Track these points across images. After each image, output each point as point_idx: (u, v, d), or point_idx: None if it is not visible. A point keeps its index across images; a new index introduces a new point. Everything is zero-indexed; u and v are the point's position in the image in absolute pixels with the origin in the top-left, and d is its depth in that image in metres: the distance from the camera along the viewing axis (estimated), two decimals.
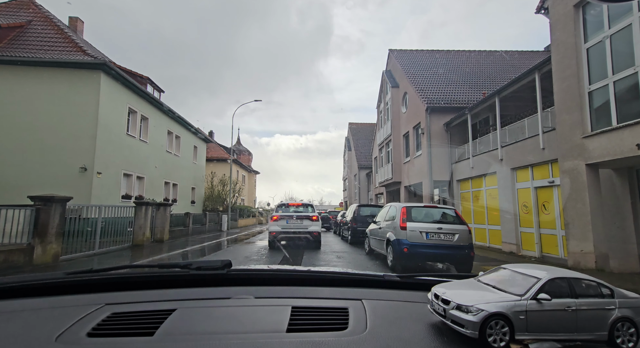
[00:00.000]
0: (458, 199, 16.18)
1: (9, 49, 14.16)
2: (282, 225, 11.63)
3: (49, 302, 1.13)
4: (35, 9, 16.61)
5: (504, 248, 12.46)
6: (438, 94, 18.23)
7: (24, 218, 7.98)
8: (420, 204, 8.51)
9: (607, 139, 7.73)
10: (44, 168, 13.11)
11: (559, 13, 9.28)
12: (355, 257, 10.08)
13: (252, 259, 9.42)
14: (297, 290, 1.29)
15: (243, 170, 40.61)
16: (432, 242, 7.46)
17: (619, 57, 7.73)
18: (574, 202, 8.52)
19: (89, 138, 13.59)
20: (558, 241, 10.13)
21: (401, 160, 21.47)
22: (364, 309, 1.09)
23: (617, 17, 7.77)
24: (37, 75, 13.61)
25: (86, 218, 10.11)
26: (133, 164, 16.56)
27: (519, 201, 11.94)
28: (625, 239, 8.16)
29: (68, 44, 14.79)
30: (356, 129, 42.85)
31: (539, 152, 10.70)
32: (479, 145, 14.79)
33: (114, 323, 0.98)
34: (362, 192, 36.42)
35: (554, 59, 9.48)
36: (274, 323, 0.98)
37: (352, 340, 0.89)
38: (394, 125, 22.07)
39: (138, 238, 12.55)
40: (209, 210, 25.16)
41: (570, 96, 8.78)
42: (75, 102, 13.64)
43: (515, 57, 22.08)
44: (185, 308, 1.08)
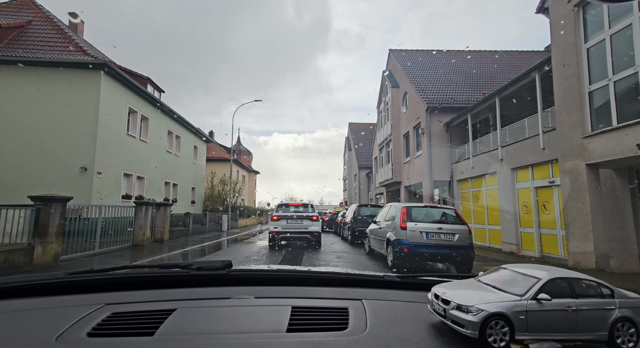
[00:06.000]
0: (458, 199, 16.18)
1: (9, 49, 14.16)
2: (282, 225, 11.72)
3: (49, 302, 1.13)
4: (35, 9, 16.61)
5: (504, 248, 12.45)
6: (438, 94, 18.23)
7: (24, 218, 7.97)
8: (420, 204, 8.51)
9: (607, 139, 7.73)
10: (44, 168, 13.12)
11: (559, 13, 9.28)
12: (355, 257, 10.07)
13: (252, 259, 9.42)
14: (297, 290, 1.29)
15: (243, 170, 40.62)
16: (432, 242, 7.46)
17: (619, 57, 7.73)
18: (574, 202, 8.52)
19: (89, 138, 13.59)
20: (558, 241, 10.13)
21: (401, 160, 21.47)
22: (364, 309, 1.09)
23: (617, 17, 7.77)
24: (37, 75, 13.62)
25: (86, 218, 10.11)
26: (133, 163, 16.56)
27: (519, 201, 11.93)
28: (625, 239, 8.16)
29: (68, 44, 14.80)
30: (356, 128, 42.85)
31: (539, 152, 10.70)
32: (479, 145, 14.79)
33: (114, 323, 0.98)
34: (362, 192, 36.43)
35: (554, 59, 9.48)
36: (274, 323, 0.98)
37: (352, 340, 0.89)
38: (394, 125, 22.07)
39: (138, 238, 12.56)
40: (209, 210, 25.16)
41: (570, 96, 8.77)
42: (75, 102, 13.64)
43: (515, 57, 22.08)
44: (185, 308, 1.08)
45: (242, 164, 39.67)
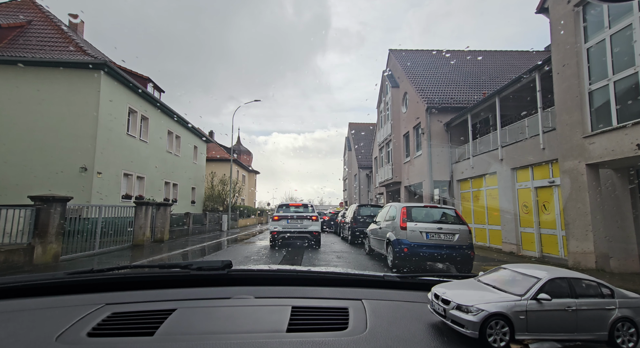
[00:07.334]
0: (458, 199, 16.18)
1: (9, 49, 14.16)
2: (282, 225, 11.96)
3: (49, 302, 1.13)
4: (35, 9, 16.61)
5: (504, 248, 12.45)
6: (438, 94, 18.23)
7: (24, 218, 7.97)
8: (420, 204, 8.50)
9: (607, 139, 7.73)
10: (44, 168, 13.12)
11: (559, 13, 9.28)
12: (355, 257, 10.07)
13: (252, 259, 9.42)
14: (297, 290, 1.29)
15: (243, 170, 40.61)
16: (432, 242, 7.46)
17: (619, 57, 7.73)
18: (574, 202, 8.52)
19: (89, 138, 13.59)
20: (558, 241, 10.13)
21: (401, 160, 21.47)
22: (364, 309, 1.09)
23: (617, 17, 7.77)
24: (37, 75, 13.61)
25: (86, 218, 10.11)
26: (133, 164, 16.56)
27: (519, 201, 11.93)
28: (625, 239, 8.16)
29: (68, 44, 14.80)
30: (356, 128, 42.86)
31: (539, 152, 10.70)
32: (479, 145, 14.79)
33: (114, 323, 0.98)
34: (362, 192, 36.43)
35: (554, 59, 9.48)
36: (274, 323, 0.98)
37: (352, 340, 0.89)
38: (394, 125, 22.07)
39: (138, 238, 12.56)
40: (209, 210, 25.16)
41: (570, 96, 8.77)
42: (75, 102, 13.65)
43: (515, 57, 22.08)
44: (185, 308, 1.08)
45: (242, 163, 39.67)
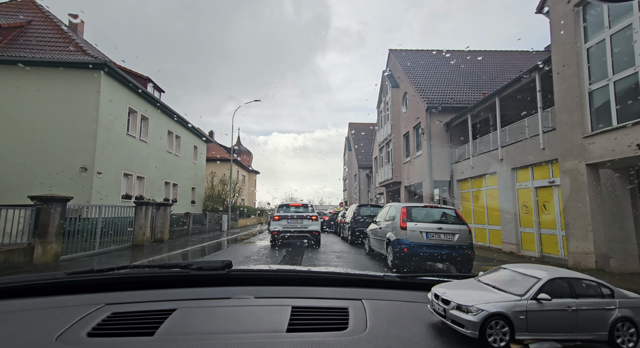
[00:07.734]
0: (458, 199, 16.18)
1: (9, 49, 14.16)
2: (283, 225, 12.07)
3: (49, 302, 1.13)
4: (35, 9, 16.61)
5: (504, 248, 12.45)
6: (438, 94, 18.23)
7: (24, 218, 7.97)
8: (420, 204, 8.50)
9: (607, 139, 7.73)
10: (44, 168, 13.11)
11: (559, 13, 9.28)
12: (355, 257, 10.07)
13: (252, 259, 9.42)
14: (297, 290, 1.29)
15: (243, 170, 40.61)
16: (432, 242, 7.46)
17: (619, 57, 7.73)
18: (574, 202, 8.52)
19: (89, 138, 13.59)
20: (558, 241, 10.13)
21: (401, 160, 21.47)
22: (364, 309, 1.09)
23: (617, 17, 7.77)
24: (37, 75, 13.61)
25: (86, 218, 10.11)
26: (133, 164, 16.56)
27: (519, 201, 11.93)
28: (625, 239, 8.16)
29: (68, 44, 14.80)
30: (356, 128, 42.85)
31: (539, 152, 10.70)
32: (479, 145, 14.79)
33: (114, 323, 0.98)
34: (362, 192, 36.42)
35: (554, 59, 9.48)
36: (274, 323, 0.98)
37: (352, 340, 0.89)
38: (394, 125, 22.07)
39: (138, 238, 12.56)
40: (209, 210, 25.16)
41: (570, 96, 8.77)
42: (75, 102, 13.64)
43: (515, 57, 22.08)
44: (185, 308, 1.08)
45: (242, 163, 39.67)
